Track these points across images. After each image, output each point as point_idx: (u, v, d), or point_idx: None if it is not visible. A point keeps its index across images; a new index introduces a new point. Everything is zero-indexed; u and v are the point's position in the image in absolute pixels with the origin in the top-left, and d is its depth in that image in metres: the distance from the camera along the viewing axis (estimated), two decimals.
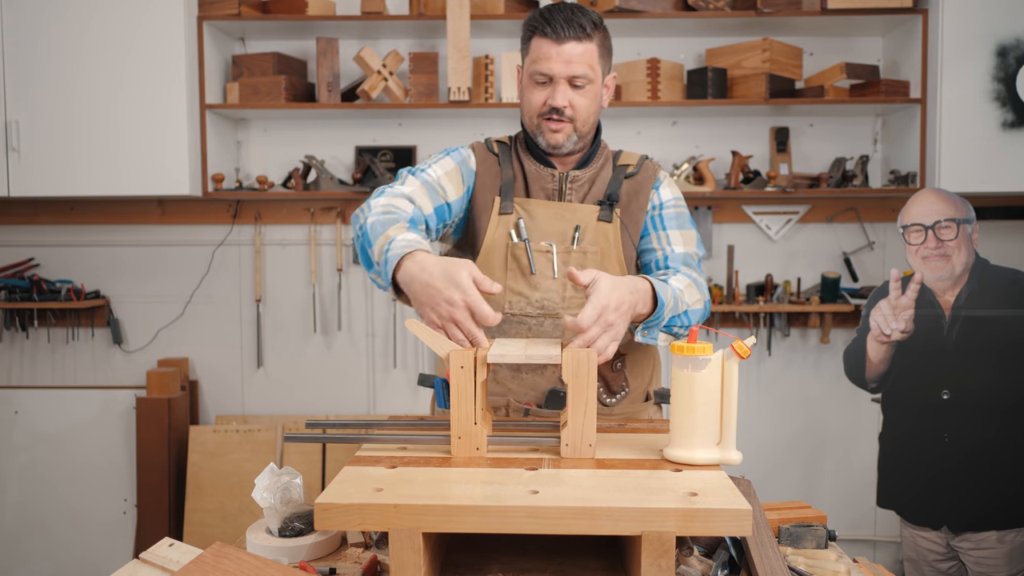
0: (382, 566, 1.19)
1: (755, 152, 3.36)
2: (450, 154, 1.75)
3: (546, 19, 1.64)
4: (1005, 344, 2.53)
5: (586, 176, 1.75)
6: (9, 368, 3.51)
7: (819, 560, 1.24)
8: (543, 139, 1.70)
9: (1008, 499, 2.54)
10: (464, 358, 1.25)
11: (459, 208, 1.72)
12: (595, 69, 1.67)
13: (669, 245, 1.73)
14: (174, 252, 3.47)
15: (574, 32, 1.63)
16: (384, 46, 3.34)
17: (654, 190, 1.76)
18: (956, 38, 2.97)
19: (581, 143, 1.72)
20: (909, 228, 2.58)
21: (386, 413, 3.45)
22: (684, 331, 1.60)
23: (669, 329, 1.57)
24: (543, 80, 1.66)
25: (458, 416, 1.25)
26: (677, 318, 1.56)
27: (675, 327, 1.58)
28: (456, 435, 1.26)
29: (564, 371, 1.25)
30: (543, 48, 1.65)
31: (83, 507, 3.43)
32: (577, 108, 1.66)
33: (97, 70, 3.03)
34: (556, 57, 1.64)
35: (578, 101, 1.66)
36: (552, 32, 1.63)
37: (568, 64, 1.64)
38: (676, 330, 1.59)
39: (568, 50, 1.63)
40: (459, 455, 1.26)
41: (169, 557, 1.17)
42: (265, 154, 3.45)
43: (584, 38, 1.64)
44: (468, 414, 1.25)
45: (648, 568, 1.01)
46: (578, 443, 1.25)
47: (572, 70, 1.64)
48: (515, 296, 1.68)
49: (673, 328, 1.58)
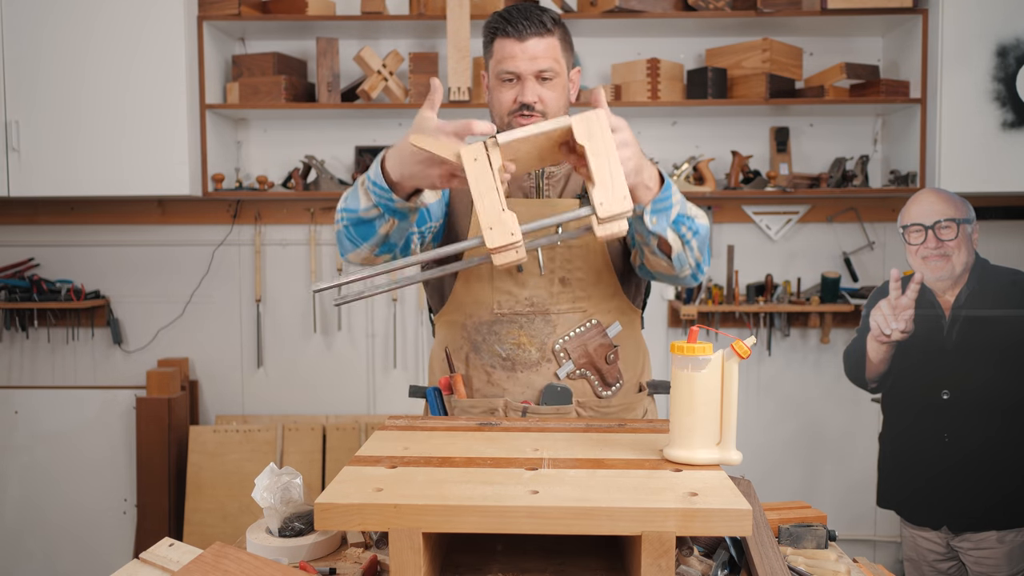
0: (382, 566, 1.19)
1: (755, 152, 3.36)
2: None
3: (506, 19, 1.67)
4: (1005, 344, 2.53)
5: (562, 171, 1.76)
6: (9, 368, 3.51)
7: (819, 560, 1.24)
8: None
9: (1008, 499, 2.54)
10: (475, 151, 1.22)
11: (439, 213, 1.74)
12: (560, 62, 1.69)
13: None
14: (174, 252, 3.47)
15: (535, 28, 1.66)
16: (384, 46, 3.34)
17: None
18: (956, 38, 2.97)
19: None
20: (909, 228, 2.58)
21: (386, 413, 3.45)
22: (694, 240, 1.57)
23: (678, 227, 1.54)
24: (510, 78, 1.68)
25: (484, 207, 1.23)
26: (686, 219, 1.54)
27: (684, 227, 1.55)
28: (487, 225, 1.23)
29: (577, 133, 1.22)
30: (507, 48, 1.67)
31: (83, 507, 3.43)
32: (547, 102, 1.68)
33: (97, 70, 3.03)
34: (521, 55, 1.66)
35: (547, 95, 1.68)
36: (514, 31, 1.66)
37: (533, 60, 1.66)
38: (685, 232, 1.55)
39: (532, 46, 1.66)
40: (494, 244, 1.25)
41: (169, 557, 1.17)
42: (265, 154, 3.45)
43: (546, 33, 1.67)
44: (494, 202, 1.23)
45: (648, 568, 1.01)
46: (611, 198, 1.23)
47: (538, 65, 1.66)
48: (504, 296, 1.69)
49: (682, 228, 1.55)
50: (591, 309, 1.71)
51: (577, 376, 1.70)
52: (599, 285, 1.72)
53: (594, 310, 1.72)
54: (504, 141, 1.24)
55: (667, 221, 1.51)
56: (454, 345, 1.74)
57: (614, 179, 1.22)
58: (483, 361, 1.70)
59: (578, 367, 1.70)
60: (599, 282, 1.72)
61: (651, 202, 1.48)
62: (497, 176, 1.22)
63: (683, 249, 1.57)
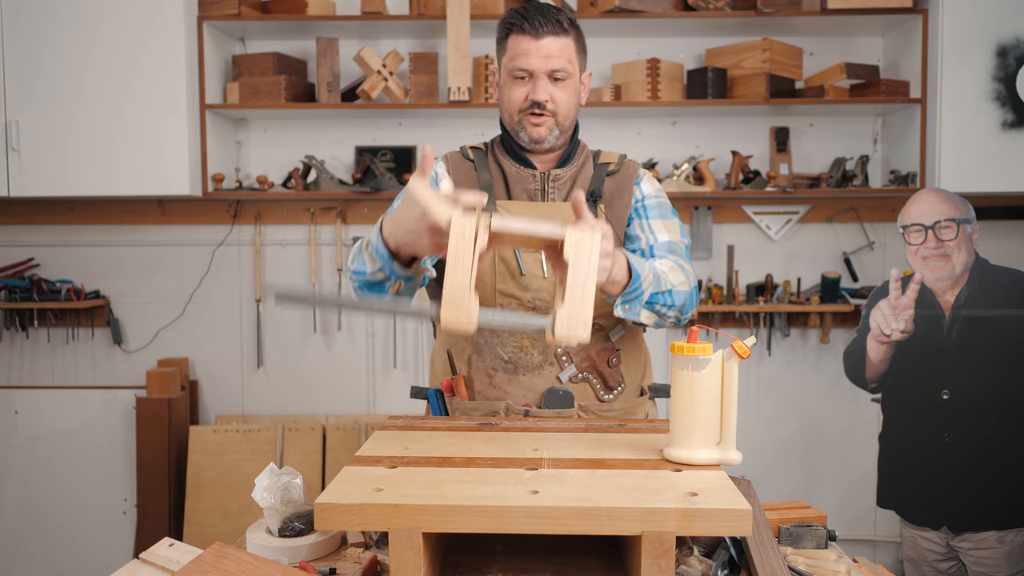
0: (382, 566, 1.19)
1: (755, 152, 3.36)
2: None
3: (523, 16, 1.67)
4: (1005, 344, 2.53)
5: (568, 175, 1.75)
6: (9, 368, 3.51)
7: (819, 560, 1.24)
8: (525, 134, 1.71)
9: (1008, 499, 2.53)
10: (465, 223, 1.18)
11: None
12: (573, 63, 1.69)
13: (652, 234, 1.73)
14: (174, 252, 3.47)
15: (551, 28, 1.65)
16: (384, 46, 3.34)
17: (636, 186, 1.77)
18: (956, 38, 2.97)
19: (562, 138, 1.73)
20: (909, 228, 2.58)
21: (386, 413, 3.45)
22: (669, 311, 1.58)
23: (652, 307, 1.55)
24: (522, 76, 1.68)
25: (452, 284, 1.18)
26: (660, 296, 1.54)
27: (658, 305, 1.55)
28: (448, 304, 1.19)
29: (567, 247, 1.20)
30: (521, 44, 1.67)
31: (83, 507, 3.43)
32: (558, 102, 1.68)
33: (97, 70, 3.03)
34: (535, 52, 1.65)
35: (558, 95, 1.68)
36: (530, 28, 1.65)
37: (547, 59, 1.65)
38: (660, 308, 1.56)
39: (547, 45, 1.65)
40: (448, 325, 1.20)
41: (169, 557, 1.17)
42: (265, 154, 3.45)
43: (561, 33, 1.66)
44: (463, 281, 1.18)
45: (648, 568, 1.01)
46: (574, 320, 1.20)
47: (552, 64, 1.66)
48: (506, 298, 1.68)
49: (656, 306, 1.55)
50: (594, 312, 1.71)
51: (579, 379, 1.70)
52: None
53: (596, 313, 1.72)
54: (497, 228, 1.21)
55: (639, 306, 1.53)
56: (456, 347, 1.74)
57: (583, 306, 1.20)
58: (485, 363, 1.70)
59: (580, 370, 1.70)
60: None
61: (620, 295, 1.49)
62: (475, 255, 1.19)
63: (660, 319, 1.59)
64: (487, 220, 1.20)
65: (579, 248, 1.20)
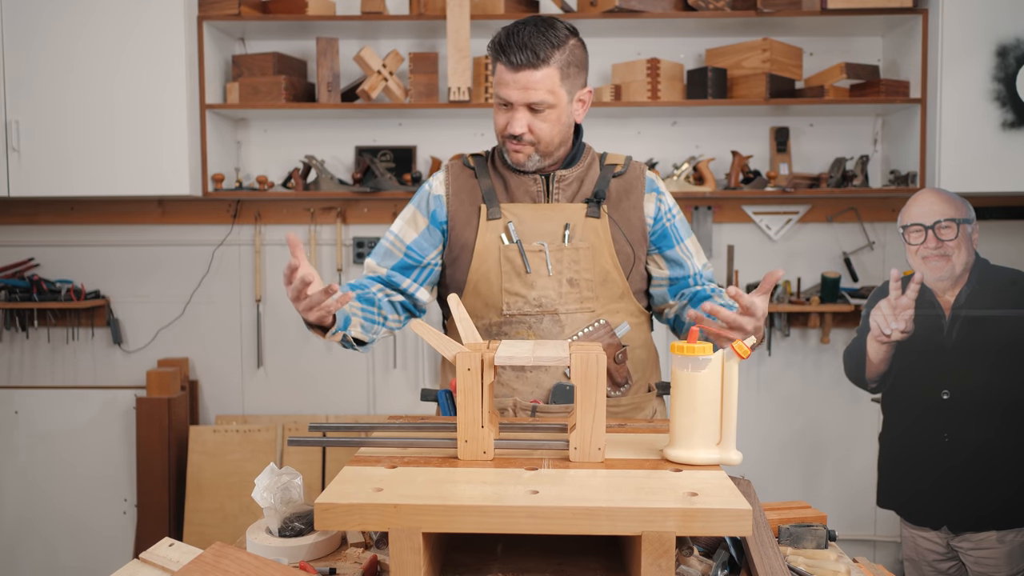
0: (382, 566, 1.19)
1: (755, 152, 3.36)
2: (414, 198, 1.83)
3: (503, 45, 1.63)
4: (1005, 344, 2.53)
5: (573, 175, 1.76)
6: (9, 368, 3.50)
7: (819, 560, 1.24)
8: (508, 158, 1.75)
9: (1008, 499, 2.54)
10: (471, 360, 1.23)
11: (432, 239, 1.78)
12: (555, 93, 1.65)
13: (692, 259, 1.82)
14: (174, 252, 3.47)
15: (527, 59, 1.61)
16: (384, 46, 3.34)
17: (656, 193, 1.80)
18: (956, 38, 2.97)
19: (548, 160, 1.74)
20: (909, 228, 2.58)
21: (386, 413, 3.45)
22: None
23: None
24: (504, 103, 1.68)
25: (464, 420, 1.24)
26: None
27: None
28: (463, 439, 1.24)
29: (573, 373, 1.24)
30: (501, 74, 1.66)
31: (83, 507, 3.43)
32: (537, 132, 1.67)
33: (97, 70, 3.03)
34: (513, 84, 1.63)
35: (538, 126, 1.66)
36: (506, 60, 1.63)
37: (525, 91, 1.63)
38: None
39: (523, 78, 1.62)
40: (466, 458, 1.25)
41: (169, 557, 1.17)
42: (265, 154, 3.44)
43: (540, 64, 1.62)
44: (475, 418, 1.24)
45: (648, 568, 1.01)
46: (587, 447, 1.23)
47: (529, 97, 1.63)
48: (512, 297, 1.70)
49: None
50: (599, 309, 1.72)
51: None
52: (606, 285, 1.73)
53: (602, 310, 1.73)
54: (500, 362, 1.25)
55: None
56: None
57: (594, 429, 1.22)
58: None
59: None
60: (606, 283, 1.73)
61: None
62: (486, 392, 1.24)
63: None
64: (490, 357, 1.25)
65: (587, 369, 1.23)
